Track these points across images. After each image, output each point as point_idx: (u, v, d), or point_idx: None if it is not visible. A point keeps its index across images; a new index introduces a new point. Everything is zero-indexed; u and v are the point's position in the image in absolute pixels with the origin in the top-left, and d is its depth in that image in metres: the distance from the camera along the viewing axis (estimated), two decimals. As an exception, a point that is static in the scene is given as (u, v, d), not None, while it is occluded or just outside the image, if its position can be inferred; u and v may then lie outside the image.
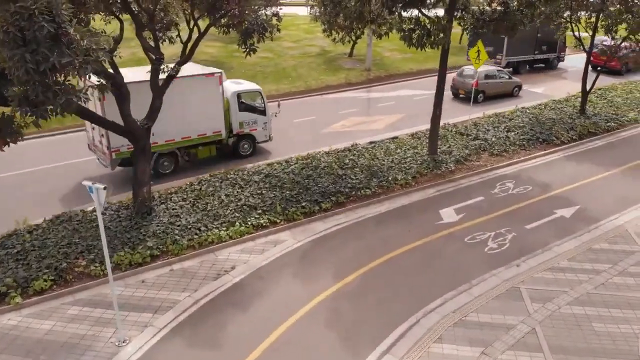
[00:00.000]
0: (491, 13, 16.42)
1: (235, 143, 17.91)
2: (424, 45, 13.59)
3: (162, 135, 15.37)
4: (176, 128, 15.74)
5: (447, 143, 19.01)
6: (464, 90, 25.93)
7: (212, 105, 16.33)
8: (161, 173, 16.29)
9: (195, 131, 16.30)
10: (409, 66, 33.77)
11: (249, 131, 17.94)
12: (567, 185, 16.11)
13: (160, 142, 15.59)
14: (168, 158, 16.32)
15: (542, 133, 20.16)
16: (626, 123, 22.28)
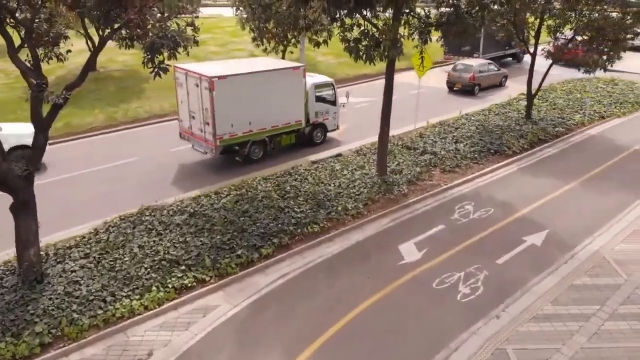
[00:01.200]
0: (439, 17, 14.72)
1: (310, 132, 18.84)
2: (372, 59, 11.55)
3: (256, 124, 16.54)
4: (268, 117, 16.79)
5: (395, 160, 17.18)
6: (460, 83, 27.50)
7: (296, 96, 17.34)
8: (252, 159, 17.21)
9: (282, 120, 17.33)
10: (344, 71, 31.86)
11: (322, 120, 19.10)
12: (529, 205, 14.71)
13: (255, 131, 16.65)
14: (258, 146, 17.30)
15: (493, 143, 18.85)
16: (573, 127, 21.55)
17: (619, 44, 18.34)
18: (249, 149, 16.89)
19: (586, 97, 25.38)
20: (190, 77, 15.76)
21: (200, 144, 16.59)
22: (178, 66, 16.19)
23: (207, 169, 17.09)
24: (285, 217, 13.03)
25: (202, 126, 16.03)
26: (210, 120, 15.43)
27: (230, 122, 15.67)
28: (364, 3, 10.32)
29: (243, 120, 16.09)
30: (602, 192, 15.56)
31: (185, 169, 17.13)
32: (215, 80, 14.93)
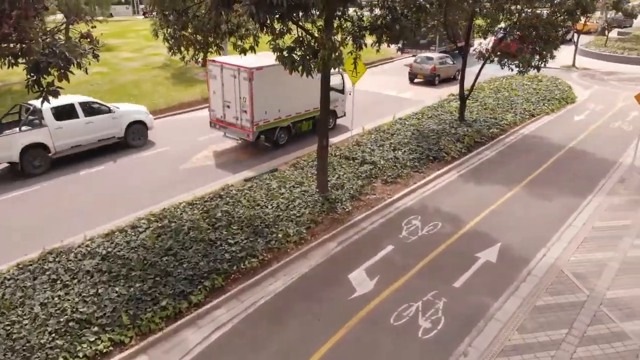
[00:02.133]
0: (374, 20, 13.63)
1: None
2: (310, 70, 10.16)
3: (284, 112, 18.18)
4: (293, 105, 18.42)
5: (335, 173, 15.97)
6: (422, 74, 29.57)
7: (314, 85, 16.70)
8: (279, 144, 18.71)
9: (303, 108, 18.90)
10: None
11: (333, 107, 19.42)
12: (477, 215, 14.01)
13: (283, 117, 18.26)
14: (284, 131, 18.84)
15: (431, 149, 18.15)
16: (506, 127, 21.42)
17: (552, 42, 18.23)
18: (277, 135, 18.51)
19: (514, 96, 25.63)
20: (227, 69, 16.90)
21: (235, 131, 18.28)
22: (212, 60, 17.21)
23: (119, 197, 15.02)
24: (217, 252, 11.38)
25: (238, 114, 17.62)
26: (249, 108, 17.03)
27: (264, 110, 17.30)
28: (298, 7, 8.94)
29: (274, 108, 17.79)
30: (546, 197, 15.21)
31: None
32: (254, 71, 16.34)
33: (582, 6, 17.90)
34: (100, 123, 17.78)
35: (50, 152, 16.65)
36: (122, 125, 18.46)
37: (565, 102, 25.78)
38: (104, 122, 17.93)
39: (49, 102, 7.68)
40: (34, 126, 16.35)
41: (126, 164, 17.57)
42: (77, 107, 17.29)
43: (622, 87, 29.80)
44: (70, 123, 16.97)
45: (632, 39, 45.20)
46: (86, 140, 17.52)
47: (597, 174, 16.93)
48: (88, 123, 17.41)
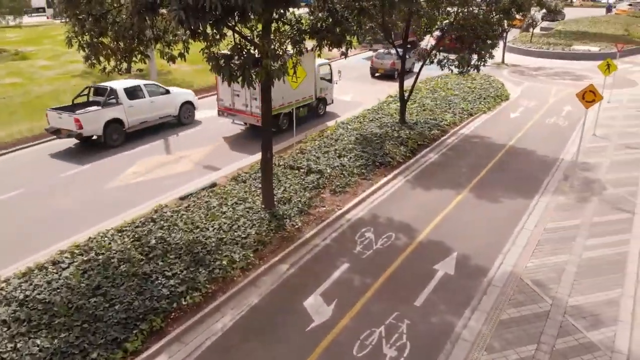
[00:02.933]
0: (314, 23, 12.79)
1: (316, 105, 22.63)
2: (251, 81, 9.10)
3: (287, 99, 19.88)
4: (293, 93, 20.17)
5: (281, 185, 15.01)
6: (382, 69, 31.33)
7: (310, 75, 20.43)
8: (282, 129, 20.37)
9: (302, 95, 20.89)
10: (203, 79, 28.81)
11: (324, 95, 22.94)
12: (428, 223, 13.54)
13: (285, 104, 19.93)
14: (286, 117, 20.56)
15: (376, 155, 17.59)
16: (447, 127, 21.31)
17: (490, 41, 18.18)
18: (281, 120, 20.43)
19: (451, 96, 25.72)
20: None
21: (244, 117, 19.93)
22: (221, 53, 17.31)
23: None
24: (153, 287, 10.10)
25: (248, 102, 19.34)
26: (259, 95, 17.05)
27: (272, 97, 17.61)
28: (234, 11, 7.88)
29: (279, 96, 18.88)
30: (495, 199, 15.02)
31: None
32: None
33: (518, 4, 17.96)
34: (161, 102, 20.70)
35: (125, 127, 19.32)
36: (176, 105, 21.39)
37: (500, 99, 26.20)
38: (164, 101, 20.89)
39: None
40: (112, 104, 18.97)
41: (44, 187, 15.70)
42: (143, 87, 20.17)
43: (552, 82, 30.86)
44: (139, 102, 19.78)
45: (555, 34, 47.38)
46: (151, 117, 20.38)
47: (541, 173, 17.03)
48: (152, 102, 20.31)
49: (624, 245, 12.42)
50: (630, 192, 15.35)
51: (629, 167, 17.42)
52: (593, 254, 12.07)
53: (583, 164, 17.43)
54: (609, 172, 16.94)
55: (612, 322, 9.69)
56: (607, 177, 16.54)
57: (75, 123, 17.95)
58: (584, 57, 38.73)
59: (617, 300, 10.33)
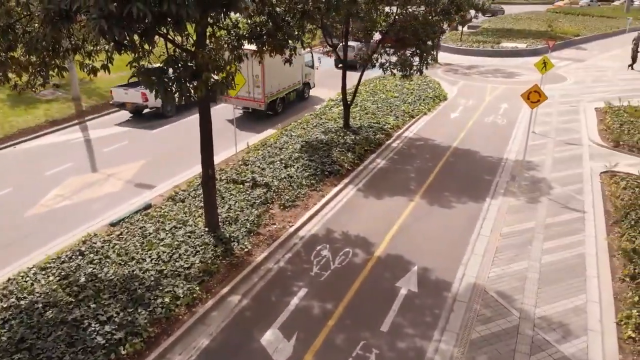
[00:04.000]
0: (253, 27, 11.81)
1: (302, 89, 25.36)
2: (189, 97, 7.95)
3: (282, 85, 22.99)
4: (286, 79, 23.20)
5: (225, 202, 13.86)
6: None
7: (297, 65, 22.77)
8: (278, 112, 23.30)
9: (292, 82, 23.83)
10: (131, 88, 26.83)
11: (308, 80, 25.71)
12: (384, 235, 12.92)
13: (280, 90, 23.01)
14: (280, 101, 23.42)
15: (324, 163, 16.81)
16: (390, 131, 20.90)
17: (432, 42, 17.89)
18: (277, 104, 23.10)
19: (392, 98, 25.45)
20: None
21: (247, 103, 22.26)
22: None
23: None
24: (86, 336, 8.72)
25: (250, 89, 21.70)
26: (261, 84, 21.45)
27: (271, 85, 21.90)
28: (166, 18, 6.74)
29: (275, 83, 22.28)
30: (447, 204, 14.66)
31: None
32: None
33: (457, 4, 17.78)
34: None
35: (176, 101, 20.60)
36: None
37: (438, 100, 26.23)
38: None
39: None
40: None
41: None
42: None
43: (485, 80, 31.43)
44: None
45: (482, 32, 48.77)
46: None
47: (488, 174, 16.93)
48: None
49: (580, 247, 12.35)
50: (577, 190, 15.50)
51: (571, 164, 17.70)
52: (552, 257, 11.89)
53: (527, 163, 17.52)
54: (554, 170, 17.11)
55: (582, 332, 9.42)
56: (552, 176, 16.67)
57: (142, 97, 21.56)
58: (513, 54, 40.01)
59: (584, 307, 10.12)
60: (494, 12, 64.02)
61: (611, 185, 15.47)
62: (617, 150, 18.92)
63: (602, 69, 35.27)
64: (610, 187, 15.49)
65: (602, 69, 35.48)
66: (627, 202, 14.01)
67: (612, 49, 42.96)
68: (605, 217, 13.81)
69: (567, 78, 31.97)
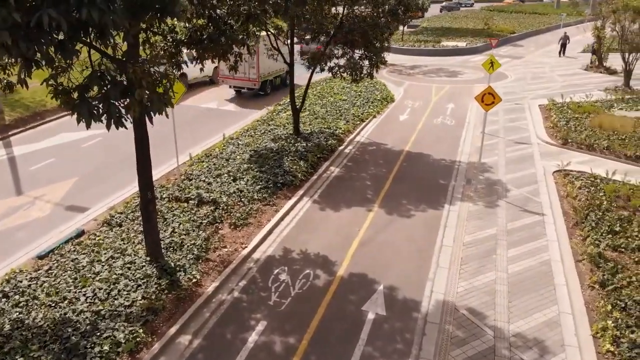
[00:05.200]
0: (192, 32, 10.67)
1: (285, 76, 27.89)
2: (118, 120, 6.69)
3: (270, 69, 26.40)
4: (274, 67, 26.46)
5: (168, 225, 12.61)
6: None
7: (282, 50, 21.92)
8: (267, 92, 27.04)
9: (278, 68, 26.96)
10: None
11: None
12: (345, 251, 12.14)
13: (268, 74, 26.55)
14: (270, 83, 27.36)
15: (277, 174, 15.82)
16: (342, 136, 20.19)
17: (381, 45, 17.29)
18: (267, 85, 26.65)
19: (340, 101, 24.78)
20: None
21: (243, 83, 25.77)
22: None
23: None
24: (9, 404, 7.33)
25: (246, 71, 24.88)
26: (256, 66, 24.97)
27: (263, 68, 25.42)
28: (87, 27, 5.53)
29: (266, 67, 25.62)
30: (406, 214, 14.09)
31: None
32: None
33: (405, 4, 17.27)
34: None
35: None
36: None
37: (386, 102, 25.83)
38: None
39: None
40: None
41: None
42: None
43: (430, 80, 31.44)
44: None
45: (422, 31, 49.20)
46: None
47: (443, 178, 16.54)
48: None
49: (544, 253, 12.06)
50: (533, 192, 15.35)
51: (524, 164, 17.64)
52: (518, 267, 11.51)
53: (481, 165, 17.28)
54: (508, 172, 16.95)
55: (559, 349, 9.00)
56: (507, 177, 16.49)
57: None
58: (453, 53, 40.51)
59: (557, 320, 9.73)
60: (450, 7, 69.36)
61: (567, 185, 15.43)
62: (565, 148, 19.10)
63: (539, 65, 36.29)
64: (565, 187, 15.45)
65: (540, 65, 36.51)
66: (584, 203, 13.93)
67: (546, 45, 44.50)
68: (564, 219, 13.67)
69: (508, 75, 32.54)
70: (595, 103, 24.50)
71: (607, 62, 33.84)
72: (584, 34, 43.19)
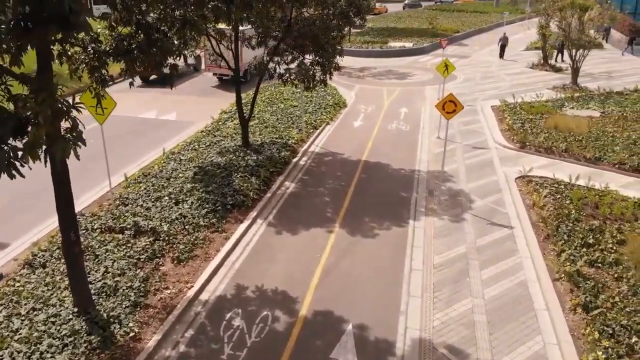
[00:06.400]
0: (119, 41, 9.07)
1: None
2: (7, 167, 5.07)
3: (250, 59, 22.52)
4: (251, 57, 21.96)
5: (99, 264, 10.89)
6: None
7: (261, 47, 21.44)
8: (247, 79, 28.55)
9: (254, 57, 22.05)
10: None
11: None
12: (308, 283, 10.87)
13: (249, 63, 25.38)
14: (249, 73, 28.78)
15: (225, 194, 14.31)
16: (295, 146, 18.87)
17: (332, 49, 16.11)
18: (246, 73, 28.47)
19: (291, 107, 23.47)
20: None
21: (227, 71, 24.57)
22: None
23: None
24: None
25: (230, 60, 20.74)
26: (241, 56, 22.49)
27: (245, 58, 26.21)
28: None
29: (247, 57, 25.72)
30: (369, 234, 12.99)
31: None
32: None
33: (356, 6, 16.17)
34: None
35: None
36: None
37: (339, 107, 24.74)
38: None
39: None
40: None
41: None
42: None
43: (380, 83, 30.64)
44: None
45: (368, 32, 48.56)
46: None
47: (404, 190, 15.59)
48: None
49: (519, 272, 11.26)
50: (498, 202, 14.64)
51: (484, 170, 16.97)
52: (495, 290, 10.63)
53: (442, 173, 16.45)
54: (469, 180, 16.21)
55: (551, 391, 8.08)
56: (469, 186, 15.73)
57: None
58: (401, 54, 40.01)
59: (544, 354, 8.86)
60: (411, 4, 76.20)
61: (532, 194, 14.81)
62: (524, 151, 18.64)
63: (486, 64, 36.35)
64: (530, 195, 14.83)
65: (487, 64, 36.58)
66: (553, 212, 13.31)
67: (491, 44, 44.84)
68: (534, 231, 12.99)
69: (457, 76, 32.20)
70: (547, 103, 24.42)
71: (552, 59, 34.30)
72: (525, 31, 44.01)
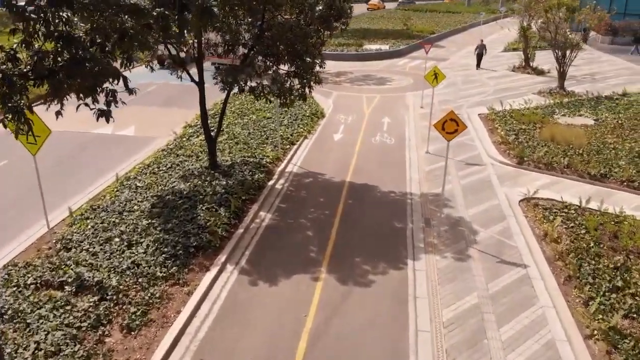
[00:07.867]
0: (39, 59, 6.83)
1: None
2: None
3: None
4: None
5: (29, 338, 8.55)
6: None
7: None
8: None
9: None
10: None
11: None
12: (291, 356, 8.73)
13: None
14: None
15: (188, 233, 12.07)
16: (270, 166, 16.70)
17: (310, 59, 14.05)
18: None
19: (264, 119, 21.29)
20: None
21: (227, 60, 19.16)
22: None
23: None
24: None
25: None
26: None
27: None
28: None
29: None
30: (363, 279, 10.97)
31: None
32: None
33: (337, 10, 14.13)
34: None
35: None
36: None
37: (316, 117, 22.67)
38: None
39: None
40: None
41: None
42: None
43: (359, 89, 28.75)
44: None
45: (342, 34, 46.50)
46: None
47: (397, 219, 13.67)
48: None
49: (544, 328, 9.42)
50: (504, 233, 12.84)
51: (483, 193, 15.19)
52: (520, 357, 8.75)
53: (435, 197, 14.56)
54: (468, 205, 14.39)
55: None
56: (469, 213, 13.91)
57: None
58: (378, 57, 38.20)
59: None
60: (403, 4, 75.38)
61: (541, 222, 13.04)
62: (522, 168, 16.97)
63: (466, 67, 34.88)
64: (540, 223, 13.06)
65: (466, 67, 35.10)
66: (569, 246, 11.55)
67: (467, 45, 43.49)
68: (551, 269, 11.20)
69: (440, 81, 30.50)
70: (537, 110, 22.92)
71: (534, 62, 33.06)
72: (499, 31, 42.86)
